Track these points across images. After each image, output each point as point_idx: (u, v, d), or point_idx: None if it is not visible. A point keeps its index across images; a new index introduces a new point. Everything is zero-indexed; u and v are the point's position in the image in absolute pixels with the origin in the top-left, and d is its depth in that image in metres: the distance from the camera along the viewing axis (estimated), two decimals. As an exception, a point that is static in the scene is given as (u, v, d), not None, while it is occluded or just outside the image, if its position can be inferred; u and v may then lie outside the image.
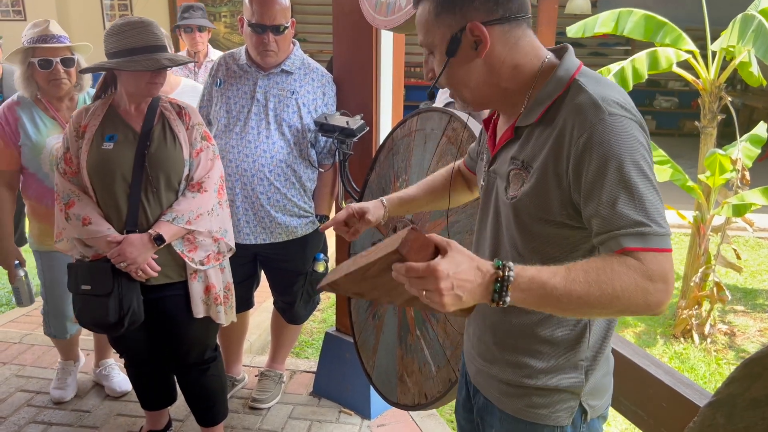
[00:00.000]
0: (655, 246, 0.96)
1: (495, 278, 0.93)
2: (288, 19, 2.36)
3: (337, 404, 2.77)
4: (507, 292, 0.93)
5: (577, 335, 1.16)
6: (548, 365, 1.17)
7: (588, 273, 0.94)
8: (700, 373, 3.51)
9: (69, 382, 2.79)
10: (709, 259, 3.83)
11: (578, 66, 1.11)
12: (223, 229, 2.14)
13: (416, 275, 0.92)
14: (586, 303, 0.94)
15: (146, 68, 1.93)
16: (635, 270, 0.94)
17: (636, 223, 0.96)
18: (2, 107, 2.42)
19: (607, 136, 0.99)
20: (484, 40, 1.07)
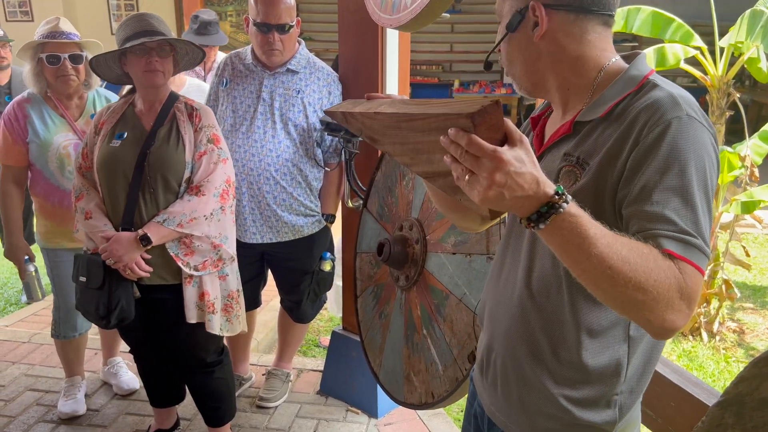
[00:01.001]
0: (696, 262, 0.89)
1: (546, 201, 0.85)
2: (293, 18, 2.36)
3: (344, 403, 2.77)
4: (548, 219, 0.85)
5: (614, 366, 1.07)
6: (581, 396, 1.08)
7: (632, 251, 0.86)
8: (709, 371, 3.49)
9: (78, 396, 2.74)
10: (717, 256, 3.80)
11: (651, 70, 1.06)
12: (223, 236, 2.10)
13: (476, 152, 0.83)
14: (611, 278, 0.85)
15: (125, 46, 1.96)
16: (674, 278, 0.86)
17: (684, 230, 0.90)
18: (12, 104, 2.44)
19: (681, 138, 0.93)
20: (541, 23, 1.05)
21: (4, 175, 2.46)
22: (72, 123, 2.44)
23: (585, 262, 0.86)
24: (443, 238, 1.85)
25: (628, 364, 1.07)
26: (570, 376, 1.08)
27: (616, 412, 1.09)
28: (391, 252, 1.93)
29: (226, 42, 3.87)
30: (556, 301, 1.07)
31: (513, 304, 1.14)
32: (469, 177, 0.84)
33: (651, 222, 0.91)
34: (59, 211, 2.46)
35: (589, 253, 0.85)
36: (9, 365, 3.11)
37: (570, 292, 1.05)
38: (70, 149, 2.42)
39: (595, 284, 0.88)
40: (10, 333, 3.45)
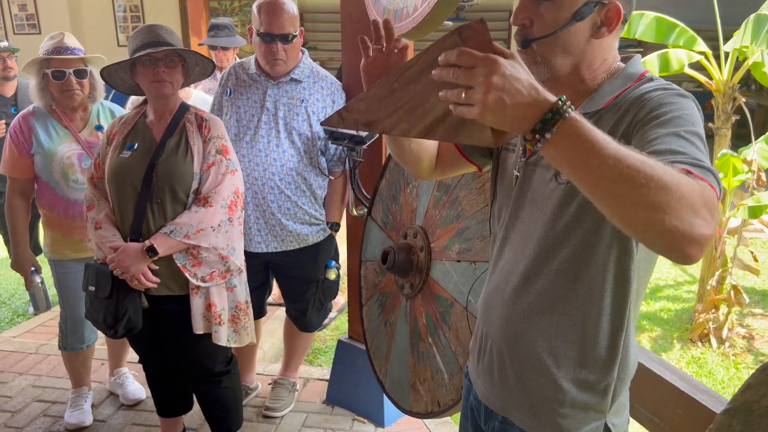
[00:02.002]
0: (712, 183, 0.85)
1: (550, 107, 0.82)
2: (296, 28, 2.37)
3: (350, 412, 2.76)
4: (554, 127, 0.81)
5: (613, 347, 1.11)
6: (582, 377, 1.12)
7: (649, 158, 0.82)
8: (719, 377, 3.46)
9: (85, 407, 2.74)
10: (725, 262, 3.78)
11: (646, 71, 1.12)
12: (231, 247, 2.10)
13: (468, 62, 0.81)
14: (631, 179, 0.78)
15: (132, 57, 1.98)
16: (695, 183, 0.82)
17: (694, 159, 0.89)
18: (18, 117, 2.47)
19: (670, 100, 0.99)
20: (611, 25, 1.07)
21: (10, 188, 2.49)
22: (76, 134, 2.46)
23: (599, 167, 0.80)
24: (447, 246, 1.84)
25: (624, 349, 1.11)
26: (573, 358, 1.12)
27: (610, 396, 1.13)
28: (395, 260, 1.93)
29: (241, 44, 3.90)
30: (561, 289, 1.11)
31: (509, 290, 1.18)
32: (466, 93, 0.82)
33: (660, 156, 0.88)
34: (64, 221, 2.48)
35: (602, 156, 0.80)
36: (16, 376, 3.12)
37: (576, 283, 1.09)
38: (74, 159, 2.44)
39: (613, 191, 0.81)
40: (18, 344, 3.46)
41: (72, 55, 2.37)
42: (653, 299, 4.45)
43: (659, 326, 4.05)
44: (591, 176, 0.81)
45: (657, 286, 4.70)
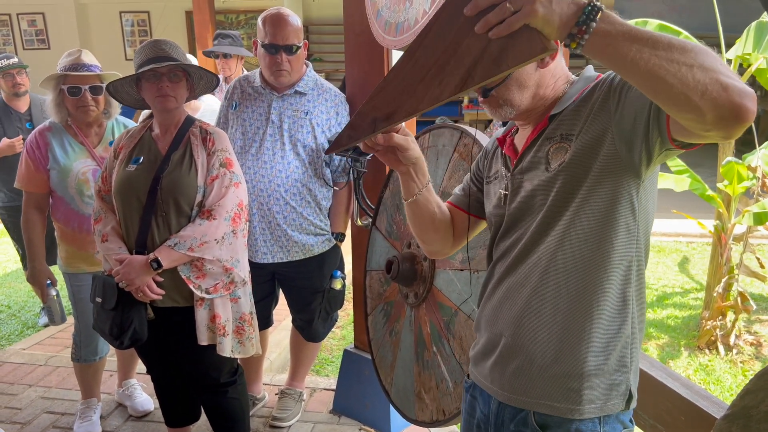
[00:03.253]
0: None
1: (587, 3, 0.88)
2: (300, 40, 2.40)
3: (357, 422, 2.77)
4: (596, 16, 0.87)
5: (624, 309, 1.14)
6: (600, 346, 1.13)
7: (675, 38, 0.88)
8: (727, 384, 3.45)
9: (94, 418, 2.76)
10: (731, 268, 3.77)
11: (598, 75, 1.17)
12: (234, 259, 2.12)
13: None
14: (678, 46, 0.85)
15: (137, 72, 2.02)
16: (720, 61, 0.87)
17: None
18: (34, 132, 2.51)
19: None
20: (553, 55, 1.14)
21: (26, 202, 2.52)
22: (91, 150, 2.50)
23: (646, 44, 0.86)
24: (451, 255, 1.86)
25: (633, 306, 1.14)
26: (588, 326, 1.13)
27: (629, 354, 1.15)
28: (399, 269, 1.94)
29: (246, 54, 3.94)
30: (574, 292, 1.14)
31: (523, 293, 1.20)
32: (511, 3, 0.87)
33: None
34: (79, 235, 2.51)
35: (644, 35, 0.87)
36: (26, 388, 3.14)
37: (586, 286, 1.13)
38: (89, 175, 2.47)
39: (667, 60, 0.86)
40: (27, 356, 3.49)
41: (88, 72, 2.42)
42: (660, 307, 4.44)
43: (666, 334, 4.04)
44: (642, 56, 0.86)
45: (664, 294, 4.69)
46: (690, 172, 3.83)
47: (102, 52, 9.04)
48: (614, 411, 1.16)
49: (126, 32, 9.78)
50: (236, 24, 9.81)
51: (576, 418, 1.15)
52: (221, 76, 3.97)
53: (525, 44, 0.88)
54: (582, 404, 1.15)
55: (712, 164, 4.85)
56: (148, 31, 9.78)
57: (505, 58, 0.89)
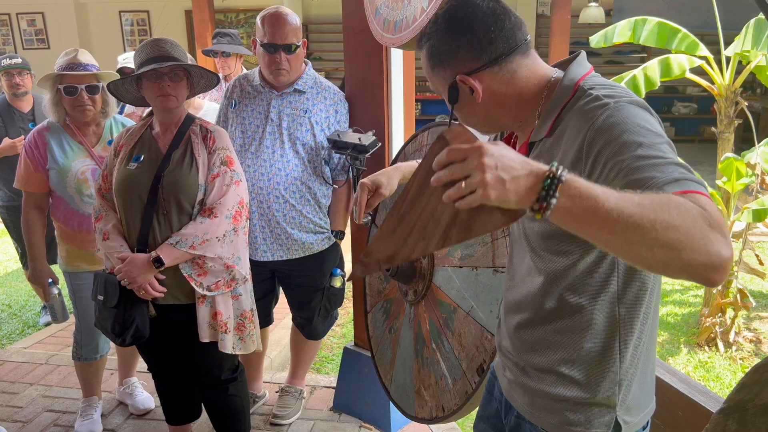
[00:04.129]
0: (695, 189, 0.86)
1: (546, 175, 0.84)
2: (299, 39, 2.41)
3: (357, 419, 2.78)
4: (555, 192, 0.83)
5: (606, 343, 1.13)
6: (580, 375, 1.15)
7: (643, 197, 0.83)
8: (726, 381, 3.45)
9: (95, 416, 2.77)
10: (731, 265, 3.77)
11: (585, 72, 1.11)
12: (236, 257, 2.13)
13: (459, 156, 0.86)
14: (638, 226, 0.80)
15: (139, 72, 2.02)
16: (696, 210, 0.82)
17: (668, 174, 0.88)
18: (33, 132, 2.51)
19: (612, 120, 0.98)
20: (475, 89, 1.11)
21: (26, 202, 2.52)
22: (90, 149, 2.50)
23: (607, 222, 0.82)
24: (450, 252, 1.86)
25: (620, 342, 1.13)
26: (568, 357, 1.16)
27: (616, 388, 1.15)
28: (399, 267, 1.95)
29: (245, 52, 3.93)
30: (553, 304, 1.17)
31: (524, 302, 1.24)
32: (466, 182, 0.85)
33: (641, 185, 0.89)
34: (78, 235, 2.51)
35: (607, 211, 0.81)
36: (27, 386, 3.15)
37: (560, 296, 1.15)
38: (88, 175, 2.48)
39: (625, 241, 0.82)
40: (29, 355, 3.50)
41: (84, 71, 2.41)
42: (660, 304, 4.44)
43: (666, 331, 4.04)
44: (602, 232, 0.83)
45: (663, 291, 4.70)
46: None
47: (101, 51, 9.05)
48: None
49: (126, 32, 9.78)
50: (236, 23, 9.81)
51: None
52: (221, 74, 3.97)
53: (487, 216, 0.91)
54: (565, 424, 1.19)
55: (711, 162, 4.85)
56: (147, 31, 9.78)
57: (474, 226, 0.92)
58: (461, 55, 1.09)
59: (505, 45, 1.09)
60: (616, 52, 10.08)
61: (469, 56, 1.09)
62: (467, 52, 1.09)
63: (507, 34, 1.09)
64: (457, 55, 1.10)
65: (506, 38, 1.09)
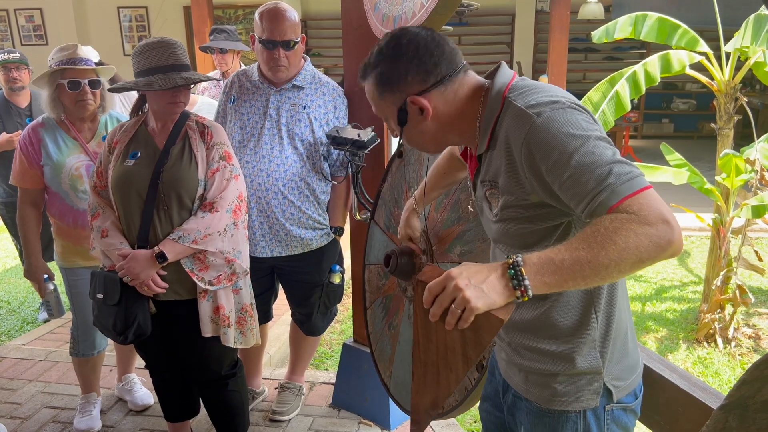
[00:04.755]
0: (628, 192, 0.99)
1: (506, 267, 0.99)
2: (298, 35, 2.40)
3: (356, 415, 2.78)
4: (523, 276, 0.98)
5: (582, 318, 1.21)
6: (563, 349, 1.22)
7: (586, 238, 0.98)
8: (725, 377, 3.46)
9: (94, 413, 2.77)
10: (730, 261, 3.78)
11: (509, 81, 1.20)
12: (236, 251, 2.13)
13: (438, 288, 1.00)
14: (599, 264, 0.96)
15: (159, 87, 1.99)
16: (628, 221, 0.96)
17: (600, 182, 1.00)
18: (27, 128, 2.50)
19: (542, 135, 1.07)
20: (425, 108, 1.20)
21: (21, 198, 2.51)
22: (84, 145, 2.49)
23: (575, 273, 0.98)
24: (449, 248, 1.86)
25: (596, 313, 1.22)
26: (551, 333, 1.23)
27: (598, 356, 1.23)
28: (398, 263, 1.94)
29: (243, 48, 3.91)
30: None
31: None
32: (453, 304, 0.99)
33: (582, 199, 1.03)
34: (74, 230, 2.51)
35: (569, 266, 0.98)
36: (26, 383, 3.15)
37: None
38: (82, 170, 2.47)
39: (601, 277, 0.99)
40: (27, 351, 3.50)
41: (86, 66, 2.41)
42: (658, 300, 4.45)
43: (665, 327, 4.05)
44: (576, 282, 0.99)
45: (662, 287, 4.70)
46: (688, 165, 3.83)
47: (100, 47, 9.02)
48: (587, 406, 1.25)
49: (124, 27, 9.75)
50: (234, 19, 9.78)
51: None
52: (218, 71, 3.96)
53: (486, 324, 1.01)
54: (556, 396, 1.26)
55: (710, 158, 4.85)
56: (146, 27, 9.76)
57: (481, 338, 1.03)
58: (410, 78, 1.19)
59: (448, 67, 1.20)
60: (616, 48, 10.06)
61: (417, 78, 1.18)
62: (415, 74, 1.18)
63: (448, 57, 1.20)
64: (406, 79, 1.19)
65: (448, 61, 1.19)
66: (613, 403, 1.25)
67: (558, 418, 1.25)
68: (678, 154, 3.90)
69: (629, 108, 3.67)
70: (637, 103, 9.53)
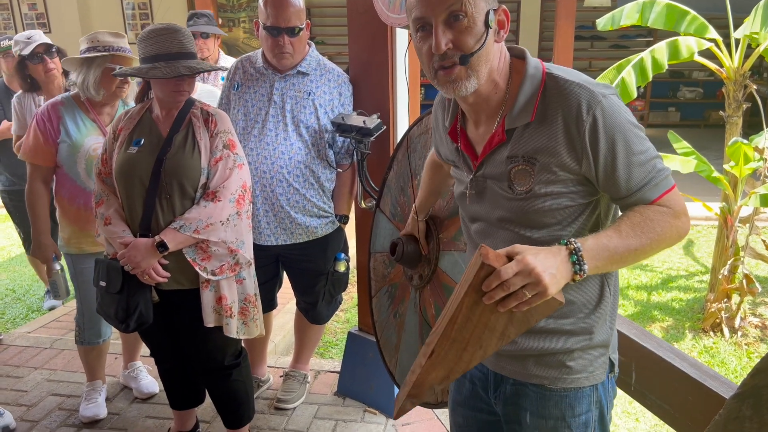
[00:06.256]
0: (666, 188, 1.13)
1: (569, 252, 1.04)
2: (302, 21, 2.37)
3: (361, 404, 2.78)
4: (583, 260, 1.04)
5: (599, 292, 1.24)
6: (581, 326, 1.23)
7: (635, 227, 1.09)
8: (731, 367, 3.44)
9: (100, 400, 2.77)
10: (737, 250, 3.75)
11: (540, 61, 1.19)
12: (239, 241, 2.11)
13: (512, 274, 0.99)
14: (642, 251, 1.10)
15: (163, 75, 1.97)
16: (666, 214, 1.12)
17: (647, 175, 1.12)
18: (46, 105, 2.49)
19: (609, 119, 1.10)
20: (505, 28, 1.16)
21: (32, 175, 2.50)
22: (103, 128, 2.50)
23: (623, 258, 1.09)
24: (456, 236, 1.84)
25: (609, 288, 1.25)
26: (564, 312, 1.21)
27: (608, 329, 1.26)
28: (404, 251, 1.93)
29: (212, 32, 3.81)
30: None
31: None
32: (527, 288, 1.00)
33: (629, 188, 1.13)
34: (83, 214, 2.49)
35: (621, 253, 1.08)
36: (31, 370, 3.16)
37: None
38: (100, 152, 2.46)
39: (638, 260, 1.12)
40: (33, 339, 3.51)
41: (129, 55, 2.44)
42: (665, 289, 4.43)
43: (671, 316, 4.03)
44: (619, 265, 1.11)
45: (668, 277, 4.68)
46: (696, 153, 3.79)
47: (103, 35, 9.00)
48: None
49: (127, 15, 9.70)
50: (238, 6, 9.72)
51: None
52: (199, 57, 3.88)
53: (544, 305, 1.04)
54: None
55: (717, 147, 4.82)
56: (149, 15, 9.71)
57: (531, 317, 1.06)
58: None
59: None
60: (622, 36, 9.98)
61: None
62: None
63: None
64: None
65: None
66: (613, 374, 1.29)
67: (574, 396, 1.25)
68: (685, 142, 3.86)
69: (635, 95, 3.63)
70: (643, 91, 9.46)
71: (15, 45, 3.27)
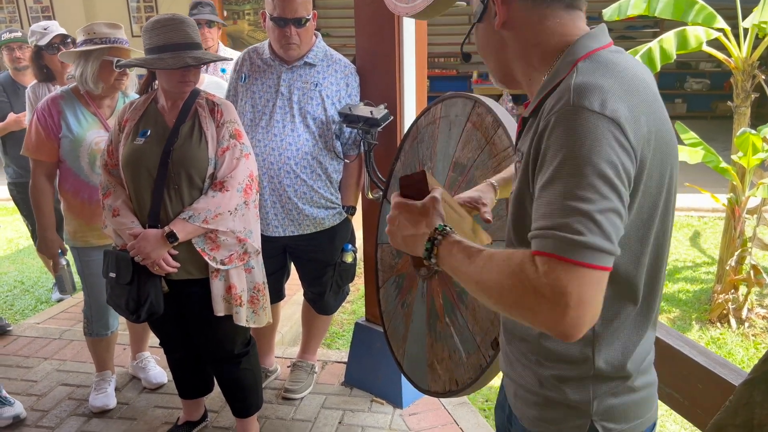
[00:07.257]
0: (563, 254, 0.82)
1: (429, 238, 1.03)
2: (309, 12, 2.37)
3: (368, 393, 2.79)
4: (436, 254, 1.02)
5: (581, 352, 1.04)
6: (554, 373, 1.07)
7: (491, 260, 0.91)
8: (738, 358, 3.44)
9: (109, 390, 2.79)
10: (745, 242, 3.74)
11: (596, 47, 0.99)
12: (248, 230, 2.12)
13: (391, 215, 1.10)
14: (480, 288, 0.93)
15: (170, 66, 1.97)
16: (527, 278, 0.84)
17: (554, 223, 0.84)
18: (46, 100, 2.49)
19: (570, 126, 0.88)
20: (499, 13, 1.04)
21: (35, 170, 2.50)
22: (104, 121, 2.50)
23: (463, 279, 0.97)
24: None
25: (594, 351, 1.04)
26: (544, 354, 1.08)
27: (589, 393, 1.05)
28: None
29: (216, 20, 3.78)
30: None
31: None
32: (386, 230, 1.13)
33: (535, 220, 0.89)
34: (88, 207, 2.50)
35: (462, 272, 0.97)
36: (41, 361, 3.18)
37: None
38: (102, 145, 2.46)
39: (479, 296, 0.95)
40: (42, 330, 3.53)
41: (127, 47, 2.44)
42: (671, 281, 4.43)
43: (678, 307, 4.03)
44: (467, 286, 0.98)
45: (675, 268, 4.67)
46: (704, 144, 3.78)
47: (108, 28, 8.99)
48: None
49: (132, 8, 9.69)
50: (242, -1, 9.69)
51: None
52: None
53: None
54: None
55: (724, 138, 4.79)
56: (154, 7, 9.69)
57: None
58: None
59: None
60: (629, 27, 9.92)
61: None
62: None
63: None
64: None
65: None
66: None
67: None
68: (693, 133, 3.84)
69: (643, 86, 3.61)
70: (649, 82, 9.38)
71: (31, 35, 3.28)
